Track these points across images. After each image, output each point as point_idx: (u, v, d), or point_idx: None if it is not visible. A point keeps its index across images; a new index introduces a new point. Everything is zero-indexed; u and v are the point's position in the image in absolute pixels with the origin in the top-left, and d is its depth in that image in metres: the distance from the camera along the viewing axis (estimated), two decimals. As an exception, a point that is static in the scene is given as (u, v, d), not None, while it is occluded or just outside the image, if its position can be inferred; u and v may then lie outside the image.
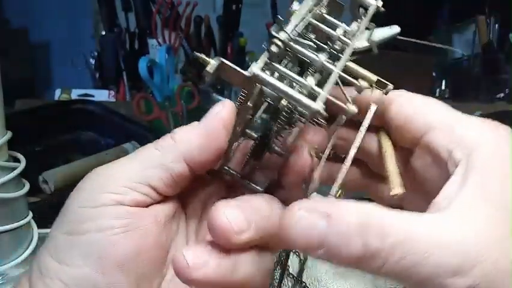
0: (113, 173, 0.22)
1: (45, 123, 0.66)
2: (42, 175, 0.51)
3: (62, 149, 0.65)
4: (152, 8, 0.90)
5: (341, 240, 0.17)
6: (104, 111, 0.70)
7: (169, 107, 0.69)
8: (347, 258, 0.17)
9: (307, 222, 0.18)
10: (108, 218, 0.20)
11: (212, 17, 0.96)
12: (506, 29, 0.91)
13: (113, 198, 0.21)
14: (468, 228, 0.18)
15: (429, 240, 0.18)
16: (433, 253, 0.17)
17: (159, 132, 0.74)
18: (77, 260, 0.20)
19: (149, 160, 0.22)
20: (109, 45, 0.98)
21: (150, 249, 0.22)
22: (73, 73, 1.18)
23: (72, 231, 0.21)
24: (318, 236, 0.17)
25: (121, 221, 0.20)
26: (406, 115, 0.23)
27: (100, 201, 0.21)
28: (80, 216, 0.21)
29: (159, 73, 0.72)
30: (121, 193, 0.21)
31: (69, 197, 0.22)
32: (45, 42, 1.85)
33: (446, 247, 0.17)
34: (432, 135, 0.22)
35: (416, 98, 0.24)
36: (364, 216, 0.18)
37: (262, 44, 0.24)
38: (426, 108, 0.23)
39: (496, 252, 0.18)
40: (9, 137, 0.35)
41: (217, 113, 0.22)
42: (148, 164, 0.21)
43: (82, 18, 1.74)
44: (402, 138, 0.24)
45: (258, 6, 1.69)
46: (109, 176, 0.21)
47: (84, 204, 0.21)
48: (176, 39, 0.86)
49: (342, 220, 0.18)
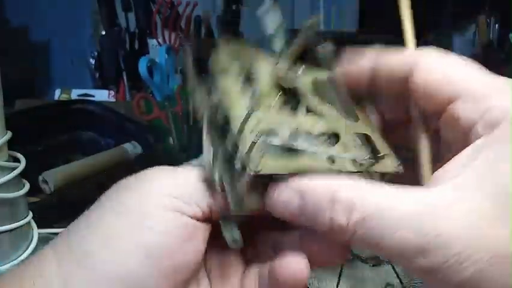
0: (180, 181, 0.22)
1: (45, 123, 0.66)
2: (42, 175, 0.51)
3: (62, 149, 0.65)
4: (152, 8, 0.90)
5: (313, 214, 0.19)
6: (104, 111, 0.70)
7: (169, 106, 0.69)
8: (321, 229, 0.19)
9: (286, 196, 0.20)
10: (170, 225, 0.21)
11: (212, 17, 0.96)
12: (506, 29, 0.91)
13: (179, 206, 0.21)
14: (449, 208, 0.17)
15: (398, 217, 0.17)
16: (399, 230, 0.17)
17: (159, 132, 0.73)
18: (136, 259, 0.20)
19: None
20: (109, 45, 0.98)
21: (194, 263, 0.22)
22: (72, 73, 1.18)
23: (134, 225, 0.20)
24: (296, 209, 0.20)
25: (181, 230, 0.21)
26: (433, 80, 0.21)
27: (165, 205, 0.21)
28: (141, 211, 0.21)
29: (159, 73, 0.72)
30: (187, 203, 0.21)
31: (124, 187, 0.22)
32: (45, 42, 1.85)
33: (412, 225, 0.17)
34: (459, 105, 0.20)
35: (445, 60, 0.21)
36: (332, 192, 0.19)
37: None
38: (456, 72, 0.21)
39: (473, 238, 0.17)
40: (9, 137, 0.35)
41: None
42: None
43: (81, 18, 1.74)
44: (428, 105, 0.22)
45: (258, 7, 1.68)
46: (176, 182, 0.22)
47: (147, 203, 0.21)
48: (177, 39, 0.86)
49: (314, 196, 0.19)
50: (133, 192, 0.21)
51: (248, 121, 0.22)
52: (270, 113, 0.23)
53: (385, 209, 0.18)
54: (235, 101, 0.23)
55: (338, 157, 0.22)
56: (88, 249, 0.20)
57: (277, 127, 0.22)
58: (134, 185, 0.22)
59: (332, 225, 0.19)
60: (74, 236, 0.21)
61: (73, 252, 0.21)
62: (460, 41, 1.01)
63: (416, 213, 0.18)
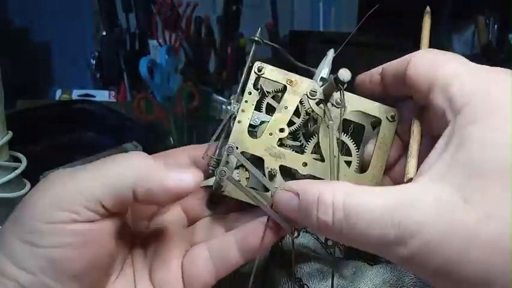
0: (68, 189, 0.23)
1: (46, 123, 0.66)
2: (43, 175, 0.51)
3: (63, 149, 0.65)
4: (152, 8, 0.90)
5: (305, 213, 0.22)
6: (104, 111, 0.71)
7: (170, 107, 0.69)
8: (313, 227, 0.22)
9: (286, 197, 0.24)
10: (65, 236, 0.22)
11: (212, 18, 0.96)
12: (506, 29, 0.91)
13: (70, 216, 0.22)
14: (421, 200, 0.19)
15: (375, 213, 0.19)
16: (377, 225, 0.19)
17: (159, 132, 0.73)
18: (36, 269, 0.22)
19: (103, 180, 0.23)
20: (109, 45, 0.98)
21: (103, 259, 0.24)
22: (73, 73, 1.18)
23: (30, 243, 0.22)
24: (294, 208, 0.23)
25: (77, 238, 0.22)
26: (417, 74, 0.23)
27: (57, 218, 0.22)
28: (37, 229, 0.22)
29: (159, 73, 0.73)
30: (77, 212, 0.22)
31: (23, 203, 0.23)
32: (46, 43, 1.85)
33: (386, 219, 0.19)
34: (432, 95, 0.22)
35: (429, 54, 0.23)
36: (318, 194, 0.22)
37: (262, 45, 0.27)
38: (437, 65, 0.22)
39: (444, 224, 0.18)
40: (10, 137, 0.35)
41: (181, 181, 0.24)
42: (102, 183, 0.23)
43: (82, 19, 1.74)
44: (415, 97, 0.24)
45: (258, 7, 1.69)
46: (65, 192, 0.23)
47: (41, 219, 0.22)
48: (177, 39, 0.86)
49: (305, 197, 0.22)
50: (26, 209, 0.23)
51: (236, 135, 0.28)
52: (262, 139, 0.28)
53: (364, 207, 0.20)
54: (245, 114, 0.28)
55: None
56: (3, 267, 0.22)
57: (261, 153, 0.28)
58: (28, 200, 0.23)
59: (319, 224, 0.21)
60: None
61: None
62: (459, 42, 1.01)
63: (390, 208, 0.19)
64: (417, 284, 0.35)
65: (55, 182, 0.24)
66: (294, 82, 0.28)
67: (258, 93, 0.29)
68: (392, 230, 0.19)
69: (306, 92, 0.28)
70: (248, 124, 0.28)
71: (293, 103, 0.28)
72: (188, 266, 0.27)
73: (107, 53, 0.99)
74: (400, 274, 0.35)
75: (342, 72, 0.25)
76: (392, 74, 0.25)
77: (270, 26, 0.89)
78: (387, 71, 0.26)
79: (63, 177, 0.24)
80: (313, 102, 0.28)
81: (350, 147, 0.29)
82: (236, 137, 0.28)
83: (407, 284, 0.34)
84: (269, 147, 0.28)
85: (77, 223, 0.22)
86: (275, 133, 0.28)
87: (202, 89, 0.77)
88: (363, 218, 0.20)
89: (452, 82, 0.21)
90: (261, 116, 0.29)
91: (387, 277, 0.35)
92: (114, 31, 0.98)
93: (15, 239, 0.22)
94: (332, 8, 0.94)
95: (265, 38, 0.28)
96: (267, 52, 0.94)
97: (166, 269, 0.26)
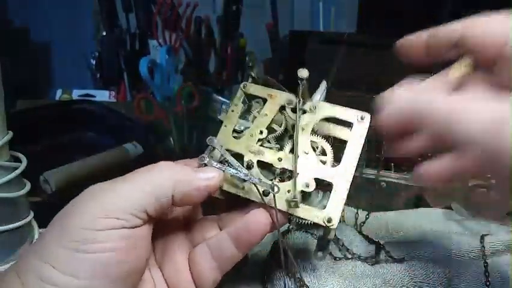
0: (115, 198, 0.25)
1: (46, 123, 0.66)
2: (43, 175, 0.51)
3: (63, 149, 0.65)
4: (153, 8, 0.90)
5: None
6: (105, 111, 0.71)
7: (170, 107, 0.69)
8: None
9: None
10: (114, 241, 0.24)
11: (212, 18, 0.96)
12: (506, 29, 0.91)
13: (118, 223, 0.24)
14: None
15: None
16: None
17: (159, 132, 0.73)
18: (86, 275, 0.23)
19: (146, 189, 0.26)
20: (109, 45, 0.98)
21: (143, 260, 0.27)
22: (73, 73, 1.18)
23: (79, 249, 0.23)
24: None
25: (125, 242, 0.25)
26: (484, 32, 0.27)
27: (107, 225, 0.24)
28: (87, 237, 0.24)
29: (160, 73, 0.73)
30: (125, 219, 0.25)
31: (67, 215, 0.25)
32: (46, 43, 1.85)
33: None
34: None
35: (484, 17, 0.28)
36: None
37: (262, 45, 0.28)
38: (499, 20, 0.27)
39: None
40: (11, 137, 0.35)
41: (209, 180, 0.28)
42: (146, 192, 0.26)
43: (82, 19, 1.74)
44: (486, 51, 0.26)
45: (258, 7, 1.69)
46: (112, 201, 0.25)
47: (89, 226, 0.24)
48: (177, 39, 0.86)
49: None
50: (73, 218, 0.24)
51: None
52: (245, 139, 0.32)
53: None
54: (231, 119, 0.33)
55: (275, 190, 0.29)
56: (44, 275, 0.23)
57: (245, 153, 0.32)
58: (72, 211, 0.25)
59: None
60: (29, 265, 0.24)
61: (34, 276, 0.23)
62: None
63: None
64: (417, 284, 0.35)
65: (97, 193, 0.26)
66: (273, 96, 0.34)
67: (243, 106, 0.34)
68: None
69: (283, 102, 0.33)
70: (232, 129, 0.33)
71: (272, 111, 0.33)
72: (194, 266, 0.29)
73: (107, 53, 0.99)
74: (400, 274, 0.35)
75: (300, 70, 0.31)
76: (443, 37, 0.28)
77: (270, 26, 0.89)
78: (438, 34, 0.28)
79: (104, 189, 0.26)
80: (289, 109, 0.33)
81: (325, 147, 0.32)
82: (221, 138, 0.32)
83: (407, 284, 0.34)
84: (249, 145, 0.32)
85: (124, 229, 0.25)
86: (255, 134, 0.33)
87: (202, 89, 0.77)
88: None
89: None
90: (245, 124, 0.34)
91: (387, 277, 0.35)
92: (114, 31, 0.98)
93: (61, 248, 0.23)
94: (332, 8, 0.94)
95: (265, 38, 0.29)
96: (267, 52, 0.95)
97: (177, 270, 0.29)
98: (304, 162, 0.31)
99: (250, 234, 0.28)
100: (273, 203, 0.29)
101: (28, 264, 0.24)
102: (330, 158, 0.32)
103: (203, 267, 0.29)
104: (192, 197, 0.27)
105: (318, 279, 0.34)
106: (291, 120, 0.33)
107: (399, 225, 0.45)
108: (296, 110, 0.33)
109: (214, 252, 0.29)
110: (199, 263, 0.29)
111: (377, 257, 0.38)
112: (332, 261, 0.38)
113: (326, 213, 0.30)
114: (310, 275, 0.35)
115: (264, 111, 0.34)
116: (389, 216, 0.47)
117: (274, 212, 0.29)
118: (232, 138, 0.33)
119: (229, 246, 0.28)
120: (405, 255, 0.38)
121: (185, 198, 0.27)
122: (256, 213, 0.29)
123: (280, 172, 0.32)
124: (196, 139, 0.70)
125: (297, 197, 0.29)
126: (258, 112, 0.34)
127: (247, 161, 0.32)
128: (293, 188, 0.30)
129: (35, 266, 0.23)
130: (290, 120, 0.33)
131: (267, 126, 0.33)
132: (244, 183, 0.30)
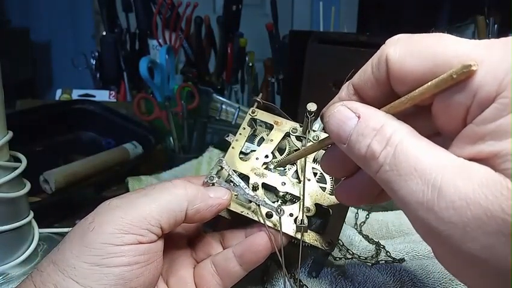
0: (133, 215, 0.26)
1: (46, 123, 0.66)
2: (43, 175, 0.51)
3: (63, 148, 0.65)
4: (152, 8, 0.90)
5: (359, 137, 0.21)
6: (104, 111, 0.71)
7: (170, 107, 0.69)
8: (357, 155, 0.21)
9: (345, 114, 0.22)
10: (133, 256, 0.25)
11: (212, 18, 0.96)
12: (505, 29, 0.91)
13: (136, 238, 0.26)
14: (464, 170, 0.17)
15: (416, 167, 0.18)
16: (414, 178, 0.18)
17: (159, 132, 0.73)
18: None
19: (162, 206, 0.27)
20: (109, 45, 0.99)
21: (158, 273, 0.28)
22: (73, 73, 1.18)
23: (100, 264, 0.25)
24: (348, 127, 0.21)
25: (143, 257, 0.26)
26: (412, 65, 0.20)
27: (125, 240, 0.25)
28: (108, 252, 0.25)
29: (159, 73, 0.73)
30: (142, 234, 0.26)
31: (85, 230, 0.26)
32: (46, 43, 1.86)
33: (424, 179, 0.18)
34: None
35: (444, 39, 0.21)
36: (381, 124, 0.20)
37: (262, 44, 0.27)
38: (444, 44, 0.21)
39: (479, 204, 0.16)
40: (10, 137, 0.35)
41: (219, 198, 0.30)
42: (162, 208, 0.27)
43: (82, 19, 1.75)
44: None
45: (258, 7, 1.69)
46: (130, 217, 0.26)
47: (109, 241, 0.25)
48: (177, 39, 0.86)
49: (367, 122, 0.21)
50: (92, 235, 0.25)
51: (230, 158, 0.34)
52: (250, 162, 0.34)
53: (410, 155, 0.19)
54: (238, 142, 0.35)
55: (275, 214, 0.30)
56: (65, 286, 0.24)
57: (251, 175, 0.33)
58: (91, 228, 0.26)
59: (367, 152, 0.20)
60: (50, 278, 0.25)
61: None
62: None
63: (432, 169, 0.18)
64: (417, 284, 0.35)
65: (115, 210, 0.26)
66: (279, 122, 0.36)
67: (251, 130, 0.36)
68: (424, 191, 0.18)
69: (289, 130, 0.36)
70: (240, 151, 0.35)
71: (277, 137, 0.35)
72: (200, 281, 0.30)
73: (107, 53, 0.99)
74: (400, 274, 0.35)
75: (309, 104, 0.32)
76: (371, 80, 0.22)
77: (270, 26, 0.89)
78: (366, 81, 0.22)
79: (121, 205, 0.27)
80: (293, 137, 0.36)
81: (325, 175, 0.34)
82: (229, 159, 0.34)
83: (407, 284, 0.34)
84: (254, 168, 0.34)
85: (141, 244, 0.26)
86: (261, 158, 0.34)
87: (202, 89, 0.77)
88: (405, 165, 0.18)
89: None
90: (251, 146, 0.36)
91: (387, 277, 0.35)
92: (114, 31, 0.99)
93: (82, 262, 0.24)
94: (332, 8, 0.94)
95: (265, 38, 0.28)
96: (268, 52, 0.95)
97: (183, 285, 0.30)
98: (306, 188, 0.33)
99: (255, 256, 0.30)
100: (279, 225, 0.30)
101: (48, 277, 0.25)
102: (329, 185, 0.34)
103: (208, 283, 0.30)
104: (204, 214, 0.29)
105: (318, 279, 0.34)
106: (295, 146, 0.35)
107: (399, 225, 0.45)
108: (300, 138, 0.35)
109: (219, 269, 0.30)
110: (204, 279, 0.30)
111: (377, 257, 0.38)
112: (331, 261, 0.38)
113: (325, 238, 0.31)
114: (309, 276, 0.35)
115: (269, 137, 0.36)
116: (389, 216, 0.47)
117: (278, 234, 0.30)
118: (239, 160, 0.34)
119: (234, 264, 0.30)
120: (405, 255, 0.38)
121: (197, 215, 0.29)
122: (262, 235, 0.30)
123: (282, 195, 0.33)
124: (196, 139, 0.70)
125: (305, 222, 0.30)
126: (266, 135, 0.36)
127: (253, 183, 0.33)
128: (302, 213, 0.31)
129: (57, 281, 0.24)
130: (294, 146, 0.35)
131: (272, 151, 0.35)
132: (250, 203, 0.32)
